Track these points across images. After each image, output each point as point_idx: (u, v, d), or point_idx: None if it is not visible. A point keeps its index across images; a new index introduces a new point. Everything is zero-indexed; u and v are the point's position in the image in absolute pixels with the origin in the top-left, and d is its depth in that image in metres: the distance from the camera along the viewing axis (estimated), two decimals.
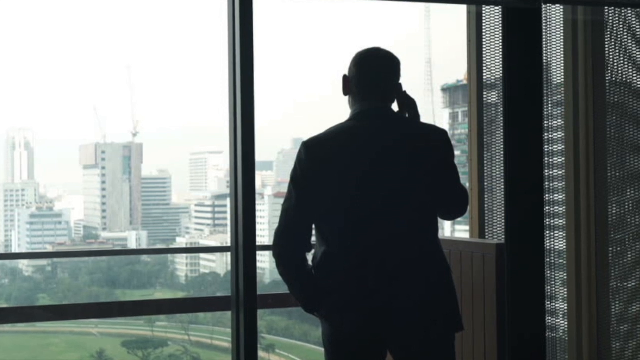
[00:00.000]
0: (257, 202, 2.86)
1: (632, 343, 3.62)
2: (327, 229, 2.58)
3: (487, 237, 3.81)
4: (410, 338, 2.55)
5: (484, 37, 3.76)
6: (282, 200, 2.63)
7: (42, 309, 4.88)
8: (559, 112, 3.72)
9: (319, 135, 2.63)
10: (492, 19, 3.71)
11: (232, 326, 2.93)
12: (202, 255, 35.77)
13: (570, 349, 3.67)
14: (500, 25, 3.37)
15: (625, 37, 3.59)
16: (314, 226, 2.62)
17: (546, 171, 3.58)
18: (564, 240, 3.69)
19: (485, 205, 3.81)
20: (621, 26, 3.59)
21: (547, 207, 3.60)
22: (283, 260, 2.61)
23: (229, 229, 2.95)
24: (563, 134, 3.69)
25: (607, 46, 3.59)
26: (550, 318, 3.62)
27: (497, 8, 3.62)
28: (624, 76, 3.61)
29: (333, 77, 3.00)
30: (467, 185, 3.79)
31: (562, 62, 3.67)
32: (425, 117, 2.72)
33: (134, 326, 28.10)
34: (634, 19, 3.60)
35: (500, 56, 3.24)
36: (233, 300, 2.91)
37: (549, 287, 3.61)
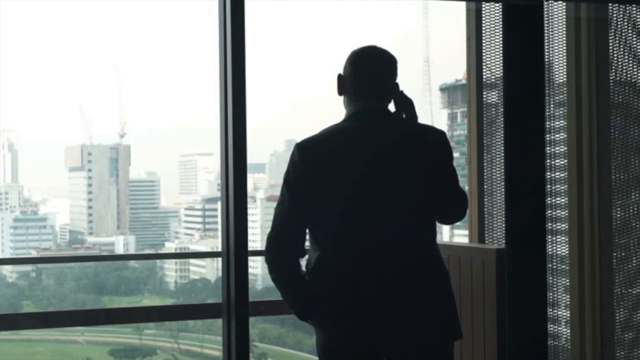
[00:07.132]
0: (248, 205, 2.84)
1: (637, 351, 3.64)
2: (322, 233, 2.54)
3: (486, 241, 3.80)
4: (407, 346, 2.51)
5: (483, 35, 3.75)
6: (274, 204, 2.60)
7: (26, 316, 4.84)
8: (561, 112, 3.73)
9: (313, 137, 2.59)
10: (492, 16, 3.70)
11: (223, 334, 2.92)
12: (191, 260, 35.68)
13: (573, 357, 3.67)
14: (501, 22, 3.35)
15: (630, 34, 3.60)
16: (307, 230, 2.57)
17: (548, 173, 3.58)
18: (567, 245, 3.69)
19: (485, 209, 3.80)
20: (625, 23, 3.60)
21: (548, 211, 3.59)
22: (276, 265, 2.57)
23: (219, 233, 2.96)
24: (565, 135, 3.70)
25: (611, 44, 3.60)
26: (552, 326, 3.63)
27: (497, 5, 3.60)
28: (629, 75, 3.63)
29: (328, 77, 2.98)
30: (466, 188, 3.80)
31: (565, 60, 3.69)
32: (423, 118, 2.71)
33: (121, 334, 28.05)
34: (638, 16, 3.60)
35: (501, 55, 3.24)
36: (224, 307, 2.89)
37: (550, 294, 3.61)
